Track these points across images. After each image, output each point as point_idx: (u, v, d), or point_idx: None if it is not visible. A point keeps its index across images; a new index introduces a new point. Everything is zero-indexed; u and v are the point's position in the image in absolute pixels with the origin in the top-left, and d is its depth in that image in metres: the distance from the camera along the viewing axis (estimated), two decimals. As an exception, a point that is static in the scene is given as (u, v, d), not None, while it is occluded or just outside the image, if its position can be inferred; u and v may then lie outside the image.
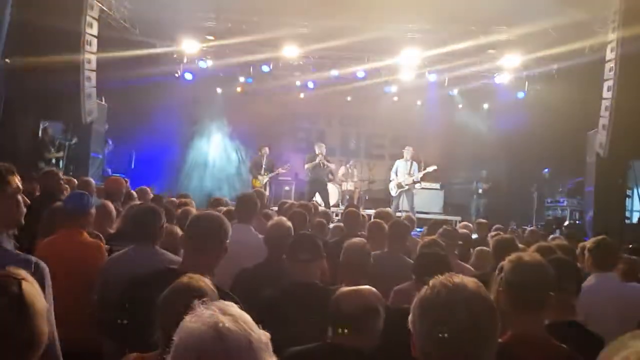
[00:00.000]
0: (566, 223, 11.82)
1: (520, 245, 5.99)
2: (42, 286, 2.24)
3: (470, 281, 1.58)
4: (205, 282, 2.23)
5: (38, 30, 10.39)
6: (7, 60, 10.79)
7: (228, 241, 2.98)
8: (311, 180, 13.55)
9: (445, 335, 1.48)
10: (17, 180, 2.39)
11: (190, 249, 2.95)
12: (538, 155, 14.61)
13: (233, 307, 1.34)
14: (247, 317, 1.33)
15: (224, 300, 1.51)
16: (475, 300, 1.53)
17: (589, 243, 4.33)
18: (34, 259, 2.33)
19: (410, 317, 1.61)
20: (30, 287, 1.57)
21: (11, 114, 11.11)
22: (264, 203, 7.60)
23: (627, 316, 3.56)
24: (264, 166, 13.91)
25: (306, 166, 13.55)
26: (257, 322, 1.34)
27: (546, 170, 14.15)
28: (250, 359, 1.26)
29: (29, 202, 2.47)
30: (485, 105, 16.96)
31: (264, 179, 13.89)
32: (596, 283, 3.95)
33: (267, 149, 14.31)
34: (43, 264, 2.33)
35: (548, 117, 14.26)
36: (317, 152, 13.48)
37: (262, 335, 1.31)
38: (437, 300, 1.53)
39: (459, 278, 1.59)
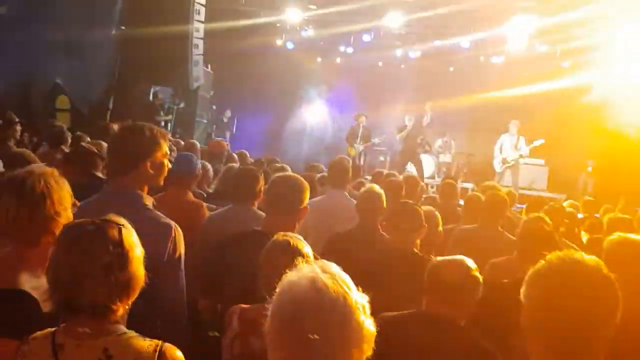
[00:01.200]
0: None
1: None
2: (179, 248, 2.48)
3: (589, 258, 1.53)
4: (302, 240, 2.29)
5: (150, 1, 10.88)
6: (122, 27, 11.44)
7: (306, 203, 3.02)
8: (402, 150, 13.39)
9: (562, 305, 1.44)
10: (166, 146, 2.59)
11: (270, 210, 3.03)
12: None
13: (333, 267, 1.37)
14: (346, 277, 1.35)
15: None
16: (595, 276, 1.48)
17: None
18: (173, 223, 2.50)
19: (523, 288, 1.57)
20: (129, 233, 1.66)
21: (125, 80, 11.82)
22: (357, 171, 7.60)
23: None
24: (359, 135, 13.87)
25: (398, 136, 13.41)
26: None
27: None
28: (344, 316, 1.28)
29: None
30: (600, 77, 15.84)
31: (360, 147, 13.87)
32: None
33: (364, 118, 14.21)
34: (179, 230, 2.51)
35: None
36: (405, 123, 13.30)
37: (359, 297, 1.33)
38: (556, 272, 1.50)
39: (578, 254, 1.55)
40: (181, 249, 2.49)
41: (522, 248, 3.11)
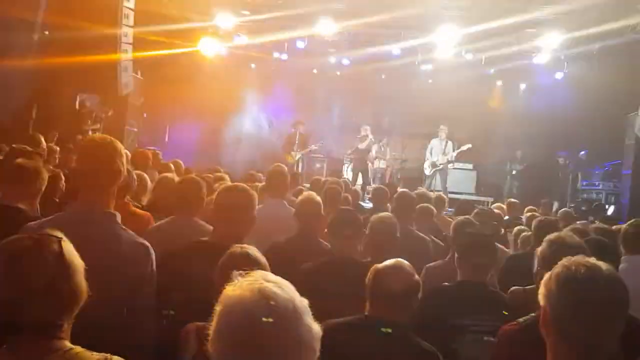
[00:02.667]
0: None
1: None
2: (154, 269, 2.45)
3: (602, 263, 1.69)
4: (258, 251, 2.31)
5: (76, 4, 10.53)
6: (46, 32, 11.00)
7: (255, 212, 3.04)
8: (355, 159, 13.72)
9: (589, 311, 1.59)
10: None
11: (220, 220, 3.00)
12: (575, 136, 14.32)
13: (272, 275, 1.38)
14: (288, 283, 1.36)
15: None
16: (613, 280, 1.64)
17: (624, 226, 4.23)
18: (147, 243, 2.45)
19: (543, 292, 1.69)
20: (69, 246, 1.63)
21: (49, 88, 11.34)
22: (296, 179, 7.62)
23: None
24: (296, 142, 13.93)
25: (359, 146, 13.64)
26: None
27: (583, 152, 13.88)
28: (297, 321, 1.29)
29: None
30: (523, 86, 16.63)
31: (297, 155, 13.93)
32: (629, 267, 3.80)
33: (301, 125, 14.32)
34: (152, 249, 2.48)
35: (586, 99, 13.92)
36: (363, 134, 13.54)
37: (303, 300, 1.35)
38: (580, 278, 1.63)
39: (592, 259, 1.70)
40: (154, 267, 2.48)
41: (462, 252, 3.18)
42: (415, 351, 2.36)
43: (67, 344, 1.59)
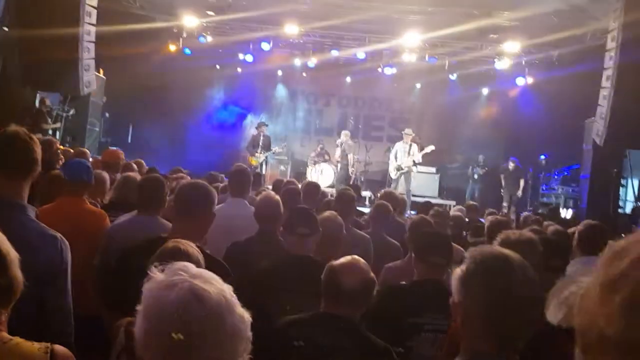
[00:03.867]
0: (562, 211, 11.91)
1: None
2: (66, 262, 2.38)
3: (511, 252, 1.68)
4: (192, 246, 2.27)
5: (37, 1, 10.30)
6: (4, 28, 10.73)
7: (214, 209, 3.04)
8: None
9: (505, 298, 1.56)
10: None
11: (179, 216, 3.01)
12: (535, 141, 14.65)
13: (194, 267, 1.32)
14: (213, 274, 1.32)
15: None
16: (525, 267, 1.62)
17: (578, 227, 4.29)
18: (59, 235, 2.40)
19: (457, 286, 1.64)
20: (2, 237, 1.61)
21: (9, 85, 11.06)
22: (258, 181, 7.61)
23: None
24: (260, 144, 13.91)
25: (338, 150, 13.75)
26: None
27: (543, 156, 14.21)
28: (229, 314, 1.26)
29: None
30: (485, 91, 16.96)
31: (261, 157, 13.91)
32: (580, 267, 3.77)
33: (265, 128, 14.31)
34: (66, 241, 2.41)
35: (546, 104, 14.29)
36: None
37: (229, 289, 1.31)
38: (492, 267, 1.60)
39: (503, 249, 1.70)
40: (68, 260, 2.41)
41: (419, 251, 3.21)
42: (368, 347, 2.39)
43: (6, 335, 1.57)
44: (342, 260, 2.54)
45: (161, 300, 1.23)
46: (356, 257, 2.55)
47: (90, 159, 6.95)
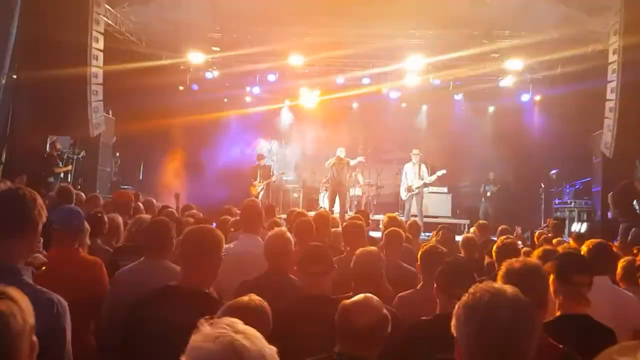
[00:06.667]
0: (574, 226, 11.80)
1: (525, 249, 6.04)
2: (63, 327, 2.23)
3: (508, 287, 1.72)
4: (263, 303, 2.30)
5: (45, 45, 10.51)
6: (14, 76, 10.94)
7: (222, 253, 3.01)
8: (331, 183, 13.53)
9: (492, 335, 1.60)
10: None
11: (186, 262, 2.96)
12: (545, 156, 14.59)
13: (241, 324, 1.35)
14: (257, 333, 1.35)
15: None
16: (516, 303, 1.66)
17: (584, 246, 4.19)
18: (55, 297, 2.25)
19: (453, 322, 1.70)
20: (9, 304, 1.54)
21: (19, 129, 11.23)
22: (270, 211, 7.61)
23: (620, 323, 3.46)
24: (259, 174, 14.19)
25: (325, 163, 13.58)
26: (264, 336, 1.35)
27: (553, 171, 14.12)
28: None
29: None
30: (491, 108, 16.97)
31: (259, 186, 14.20)
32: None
33: (262, 160, 14.66)
34: (64, 302, 2.26)
35: (553, 119, 14.26)
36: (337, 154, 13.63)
37: (272, 349, 1.34)
38: (482, 304, 1.65)
39: (498, 284, 1.74)
40: (66, 325, 2.26)
41: (442, 282, 3.15)
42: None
43: None
44: (355, 298, 2.53)
45: (201, 351, 1.26)
46: (369, 294, 2.54)
47: (102, 201, 7.03)
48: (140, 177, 15.37)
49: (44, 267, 2.52)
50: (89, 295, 3.48)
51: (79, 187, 10.54)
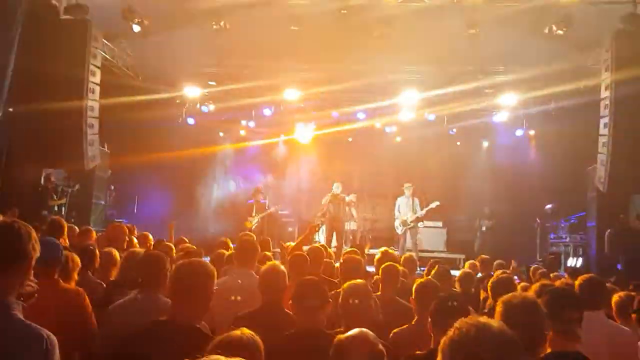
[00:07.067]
0: (569, 261, 11.78)
1: (522, 284, 6.01)
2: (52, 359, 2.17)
3: (494, 321, 1.71)
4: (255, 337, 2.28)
5: (42, 78, 10.55)
6: (10, 109, 10.96)
7: (214, 287, 2.99)
8: (328, 218, 13.61)
9: None
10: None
11: (177, 298, 2.94)
12: (539, 191, 14.63)
13: None
14: None
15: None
16: (502, 337, 1.64)
17: (576, 283, 4.17)
18: (45, 333, 2.20)
19: (439, 357, 1.70)
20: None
21: (14, 162, 11.21)
22: (266, 245, 7.58)
23: (617, 359, 3.41)
24: (254, 209, 14.25)
25: (322, 201, 13.59)
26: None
27: (549, 206, 14.15)
28: None
29: None
30: (485, 143, 17.09)
31: (254, 220, 14.16)
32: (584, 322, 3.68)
33: (258, 195, 14.62)
34: (54, 338, 2.22)
35: (547, 154, 14.36)
36: (333, 191, 13.66)
37: None
38: (467, 339, 1.64)
39: (483, 319, 1.72)
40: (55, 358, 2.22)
41: (436, 319, 3.11)
42: None
43: None
44: (350, 333, 2.49)
45: None
46: (364, 329, 2.51)
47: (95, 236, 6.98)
48: (135, 211, 15.30)
49: (36, 295, 2.47)
50: (72, 326, 3.48)
51: (72, 220, 10.48)
